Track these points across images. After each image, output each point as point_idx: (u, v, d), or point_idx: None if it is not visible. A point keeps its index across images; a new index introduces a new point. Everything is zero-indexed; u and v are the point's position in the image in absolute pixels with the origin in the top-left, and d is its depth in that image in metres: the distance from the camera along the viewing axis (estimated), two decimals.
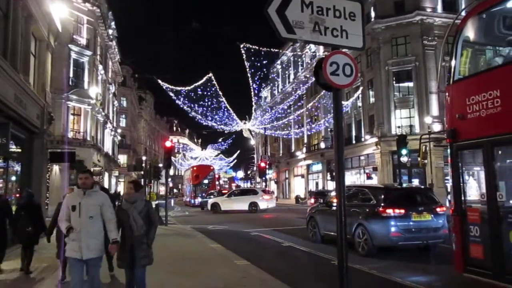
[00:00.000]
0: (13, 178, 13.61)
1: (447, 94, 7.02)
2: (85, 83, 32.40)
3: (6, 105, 10.77)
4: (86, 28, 33.22)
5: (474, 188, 6.72)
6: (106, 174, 42.10)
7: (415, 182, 29.24)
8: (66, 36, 30.43)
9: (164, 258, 9.82)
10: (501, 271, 5.70)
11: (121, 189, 54.75)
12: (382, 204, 9.67)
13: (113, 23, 44.13)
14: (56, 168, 29.28)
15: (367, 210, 9.98)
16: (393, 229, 9.31)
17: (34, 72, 14.54)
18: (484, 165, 6.09)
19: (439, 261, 9.05)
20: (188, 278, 7.63)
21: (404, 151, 20.75)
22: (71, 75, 31.19)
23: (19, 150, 13.57)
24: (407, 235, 9.33)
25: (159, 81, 32.96)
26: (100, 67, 36.97)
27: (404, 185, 14.85)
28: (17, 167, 13.81)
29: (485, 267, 5.96)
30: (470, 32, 6.84)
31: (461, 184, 6.46)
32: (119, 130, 52.68)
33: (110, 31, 41.98)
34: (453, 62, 6.77)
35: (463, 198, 6.46)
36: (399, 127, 37.11)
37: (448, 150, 6.76)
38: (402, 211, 9.37)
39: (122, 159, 59.14)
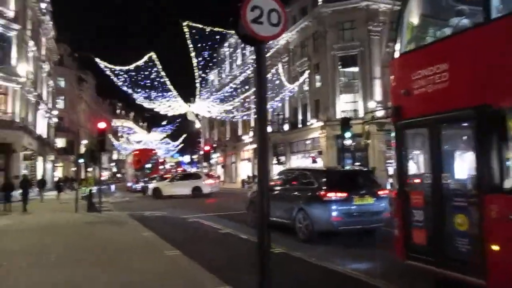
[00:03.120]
0: None
1: (391, 69, 6.55)
2: (13, 60, 29.69)
3: None
4: (14, 0, 30.34)
5: (419, 170, 6.30)
6: (40, 159, 39.40)
7: (359, 166, 29.62)
8: None
9: (86, 249, 8.92)
10: (445, 258, 5.32)
11: (59, 174, 51.86)
12: (324, 188, 9.21)
13: None
14: None
15: (309, 194, 9.50)
16: (334, 213, 8.88)
17: None
18: (429, 145, 5.66)
19: (380, 246, 8.73)
20: (105, 271, 6.78)
21: (347, 134, 20.64)
22: None
23: None
24: (348, 220, 8.94)
25: (97, 60, 30.82)
26: (31, 43, 34.08)
27: (347, 168, 14.50)
28: None
29: (428, 254, 5.57)
30: (416, 2, 6.36)
31: (405, 166, 6.03)
32: (55, 112, 49.41)
33: (44, 5, 38.81)
34: (398, 35, 6.28)
35: (406, 180, 6.04)
36: (343, 111, 37.49)
37: (392, 133, 6.30)
38: (344, 195, 8.96)
39: (61, 142, 55.82)
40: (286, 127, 44.84)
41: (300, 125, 42.59)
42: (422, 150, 6.13)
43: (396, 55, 6.27)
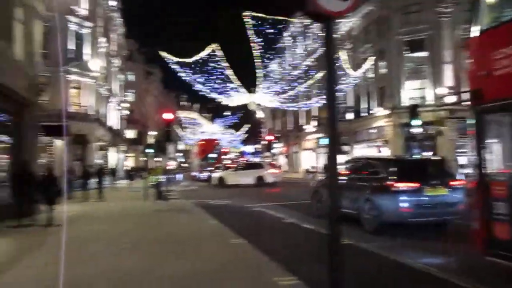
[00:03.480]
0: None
1: (469, 50, 6.03)
2: (86, 56, 31.42)
3: None
4: None
5: (501, 158, 5.77)
6: (112, 149, 41.61)
7: (427, 155, 28.22)
8: (64, 7, 29.41)
9: (154, 237, 9.20)
10: None
11: (130, 164, 54.60)
12: (392, 177, 8.77)
13: None
14: (58, 142, 28.80)
15: (376, 183, 9.10)
16: (403, 204, 8.44)
17: (22, 40, 13.66)
18: None
19: (454, 240, 8.20)
20: (172, 259, 6.95)
21: (415, 122, 19.64)
22: (70, 47, 30.22)
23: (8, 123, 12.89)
24: (419, 211, 8.45)
25: (162, 53, 31.86)
26: (103, 39, 35.90)
27: (416, 156, 13.66)
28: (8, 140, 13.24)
29: None
30: None
31: (486, 154, 5.54)
32: (126, 105, 51.88)
33: (114, 3, 40.71)
34: (476, 11, 5.75)
35: (487, 169, 5.56)
36: (411, 98, 35.84)
37: (468, 120, 5.82)
38: (414, 185, 8.48)
39: (131, 134, 58.58)
40: (349, 116, 43.78)
41: (364, 114, 41.36)
42: (505, 136, 5.60)
43: (474, 34, 5.76)
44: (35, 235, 9.83)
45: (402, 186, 8.47)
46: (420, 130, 20.30)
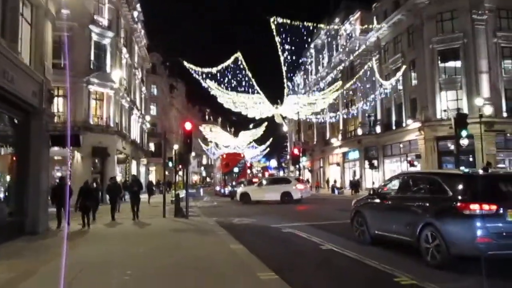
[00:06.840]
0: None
1: None
2: (107, 67, 30.56)
3: None
4: (108, 9, 31.27)
5: None
6: (134, 162, 40.67)
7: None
8: (86, 17, 28.79)
9: (167, 265, 7.65)
10: None
11: (152, 178, 53.75)
12: (463, 198, 6.98)
13: (138, 5, 42.25)
14: (78, 155, 27.93)
15: (440, 205, 7.28)
16: (480, 232, 6.53)
17: (30, 42, 12.58)
18: None
19: None
20: None
21: (464, 133, 17.74)
22: (92, 57, 29.43)
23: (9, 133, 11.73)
24: (501, 242, 6.48)
25: (185, 63, 30.81)
26: (124, 50, 35.20)
27: (493, 170, 10.36)
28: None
29: None
30: None
31: None
32: (148, 118, 51.14)
33: (135, 13, 40.18)
34: None
35: None
36: (445, 110, 34.11)
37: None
38: (494, 207, 6.61)
39: (154, 147, 57.88)
40: (378, 129, 41.91)
41: (394, 127, 39.54)
42: None
43: None
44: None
45: (477, 208, 6.62)
46: (466, 142, 18.28)
